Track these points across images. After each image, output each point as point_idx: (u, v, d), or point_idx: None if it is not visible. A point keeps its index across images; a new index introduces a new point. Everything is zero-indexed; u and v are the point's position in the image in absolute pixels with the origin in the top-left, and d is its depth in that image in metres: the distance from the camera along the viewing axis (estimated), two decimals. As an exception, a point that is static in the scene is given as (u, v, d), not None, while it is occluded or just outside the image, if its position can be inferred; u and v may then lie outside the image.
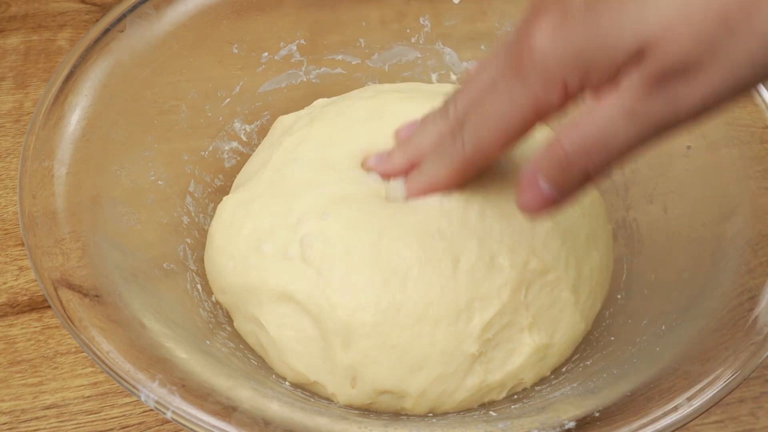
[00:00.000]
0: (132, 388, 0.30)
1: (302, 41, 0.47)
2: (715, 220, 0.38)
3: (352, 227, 0.37)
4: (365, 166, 0.40)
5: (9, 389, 0.43)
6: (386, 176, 0.39)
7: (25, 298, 0.46)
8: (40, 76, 0.56)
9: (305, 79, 0.47)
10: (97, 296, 0.33)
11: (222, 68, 0.45)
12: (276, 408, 0.32)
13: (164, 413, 0.30)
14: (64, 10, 0.61)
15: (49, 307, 0.45)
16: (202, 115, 0.44)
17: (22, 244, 0.47)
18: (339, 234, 0.37)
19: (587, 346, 0.40)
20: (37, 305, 0.46)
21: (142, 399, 0.30)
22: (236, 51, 0.45)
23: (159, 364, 0.31)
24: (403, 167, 0.38)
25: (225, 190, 0.45)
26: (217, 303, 0.40)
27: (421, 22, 0.48)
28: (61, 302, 0.33)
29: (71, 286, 0.33)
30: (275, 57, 0.46)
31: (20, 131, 0.53)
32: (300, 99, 0.47)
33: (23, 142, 0.37)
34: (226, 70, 0.45)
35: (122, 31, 0.42)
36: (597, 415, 0.30)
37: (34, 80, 0.56)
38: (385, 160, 0.39)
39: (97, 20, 0.50)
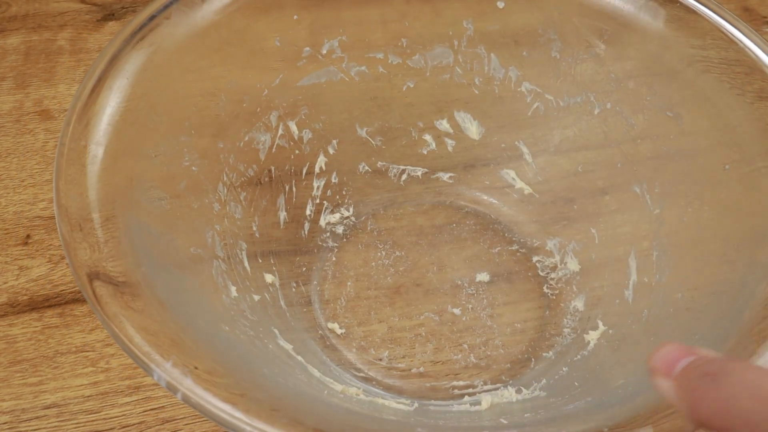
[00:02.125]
0: (147, 368, 0.31)
1: (344, 38, 0.47)
2: (747, 246, 0.37)
3: None
4: None
5: (9, 389, 0.42)
6: None
7: (25, 297, 0.46)
8: (40, 76, 0.56)
9: (344, 77, 0.48)
10: (123, 282, 0.33)
11: (263, 60, 0.45)
12: (285, 395, 0.32)
13: (175, 394, 0.30)
14: (64, 10, 0.61)
15: (49, 306, 0.45)
16: (240, 105, 0.45)
17: (23, 244, 0.48)
18: None
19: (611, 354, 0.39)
20: (37, 305, 0.45)
21: (155, 378, 0.30)
22: (278, 44, 0.46)
23: (175, 347, 0.32)
24: None
25: (258, 180, 0.45)
26: (240, 292, 0.41)
27: (465, 25, 0.48)
28: (90, 284, 0.33)
29: (98, 275, 0.33)
30: (317, 52, 0.47)
31: (20, 131, 0.53)
32: (339, 96, 0.47)
33: (65, 116, 0.38)
34: (266, 62, 0.46)
35: (168, 18, 0.42)
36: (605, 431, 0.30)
37: (34, 80, 0.56)
38: None
39: (98, 20, 0.51)
